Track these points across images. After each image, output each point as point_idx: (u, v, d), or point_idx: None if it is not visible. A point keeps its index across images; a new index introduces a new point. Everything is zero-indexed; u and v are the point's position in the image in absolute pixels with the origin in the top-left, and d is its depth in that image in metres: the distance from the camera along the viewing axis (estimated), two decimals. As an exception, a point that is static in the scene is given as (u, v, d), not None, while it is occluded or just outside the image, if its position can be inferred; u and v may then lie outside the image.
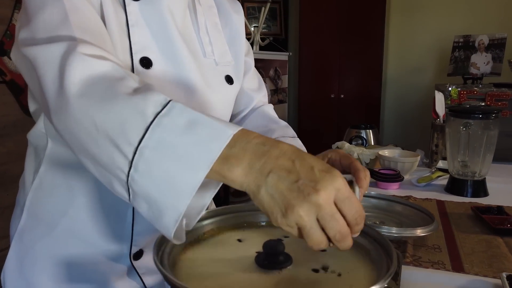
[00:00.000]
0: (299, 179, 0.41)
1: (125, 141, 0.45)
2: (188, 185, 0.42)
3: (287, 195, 0.40)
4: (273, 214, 0.42)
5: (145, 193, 0.44)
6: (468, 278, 0.76)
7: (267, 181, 0.41)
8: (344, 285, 0.44)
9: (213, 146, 0.42)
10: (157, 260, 0.42)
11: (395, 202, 1.05)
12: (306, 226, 0.40)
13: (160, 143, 0.43)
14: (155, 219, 0.45)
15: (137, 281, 0.74)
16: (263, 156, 0.43)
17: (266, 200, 0.42)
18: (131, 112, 0.46)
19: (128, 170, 0.44)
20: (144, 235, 0.71)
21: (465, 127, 1.24)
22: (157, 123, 0.44)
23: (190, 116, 0.45)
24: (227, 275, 0.46)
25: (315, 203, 0.40)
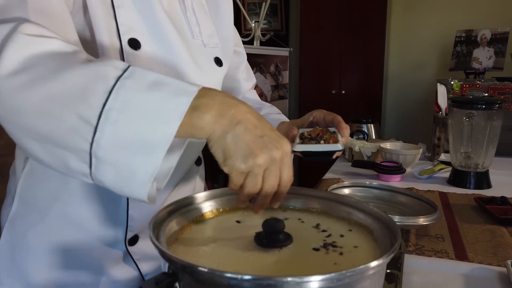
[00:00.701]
0: (264, 135, 0.46)
1: (87, 107, 0.43)
2: (161, 139, 0.43)
3: (251, 145, 0.45)
4: (232, 158, 0.45)
5: (113, 157, 0.44)
6: (472, 266, 0.75)
7: (235, 129, 0.45)
8: (346, 263, 0.43)
9: (181, 99, 0.44)
10: (153, 237, 0.41)
11: (398, 192, 1.04)
12: (259, 173, 0.46)
13: (127, 103, 0.43)
14: (124, 183, 0.45)
15: (132, 267, 0.73)
16: (232, 107, 0.46)
17: (229, 145, 0.45)
18: (90, 78, 0.45)
19: (92, 136, 0.43)
20: (139, 220, 0.70)
21: (468, 117, 1.23)
22: (121, 85, 0.44)
23: (153, 77, 0.45)
24: (226, 254, 0.44)
25: (273, 157, 0.46)
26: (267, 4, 3.20)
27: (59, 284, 0.69)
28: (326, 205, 0.56)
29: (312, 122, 0.74)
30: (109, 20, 0.61)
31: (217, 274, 0.35)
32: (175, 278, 0.37)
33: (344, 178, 1.36)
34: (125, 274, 0.73)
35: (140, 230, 0.72)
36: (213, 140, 0.46)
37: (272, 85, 3.37)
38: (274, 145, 0.46)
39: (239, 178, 0.46)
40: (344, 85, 3.69)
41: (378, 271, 0.39)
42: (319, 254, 0.45)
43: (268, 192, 0.47)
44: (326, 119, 0.73)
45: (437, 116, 1.59)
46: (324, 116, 0.73)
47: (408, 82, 3.75)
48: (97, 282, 0.71)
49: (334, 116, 0.71)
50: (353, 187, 1.09)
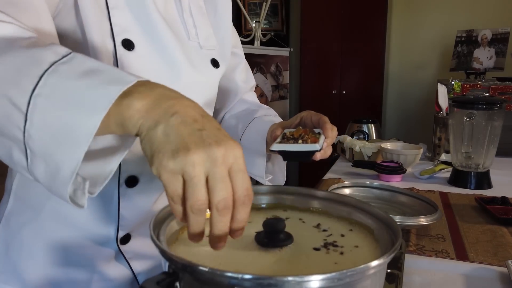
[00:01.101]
0: (204, 129, 0.39)
1: (18, 92, 0.41)
2: (84, 130, 0.39)
3: (186, 138, 0.37)
4: (159, 153, 0.38)
5: (42, 148, 0.40)
6: (472, 266, 0.75)
7: (169, 120, 0.38)
8: (347, 262, 0.42)
9: (112, 89, 0.39)
10: (154, 236, 0.41)
11: (398, 192, 1.04)
12: (195, 176, 0.37)
13: (54, 90, 0.40)
14: (52, 178, 0.41)
15: (124, 265, 0.73)
16: (172, 99, 0.40)
17: (158, 137, 0.38)
18: (26, 62, 0.42)
19: (24, 125, 0.40)
20: (130, 219, 0.70)
21: (469, 118, 1.22)
22: (53, 70, 0.41)
23: (92, 65, 0.42)
24: (226, 253, 0.44)
25: (213, 156, 0.37)
26: (267, 4, 3.20)
27: (52, 281, 0.70)
28: (327, 204, 0.56)
29: (299, 123, 0.74)
30: (102, 21, 0.60)
31: (217, 273, 0.35)
32: (176, 278, 0.37)
33: (344, 178, 1.36)
34: (117, 273, 0.73)
35: (131, 229, 0.72)
36: (143, 133, 0.39)
37: (273, 85, 3.37)
38: (216, 141, 0.38)
39: (173, 184, 0.38)
40: (345, 85, 3.69)
41: (379, 271, 0.39)
42: (319, 253, 0.45)
43: (221, 208, 0.38)
44: (312, 120, 0.71)
45: (438, 116, 1.59)
46: (311, 116, 0.72)
47: (408, 82, 3.75)
48: (89, 280, 0.71)
49: (320, 117, 0.70)
50: (353, 187, 1.09)
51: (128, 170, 0.67)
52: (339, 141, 1.71)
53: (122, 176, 0.67)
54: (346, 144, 1.63)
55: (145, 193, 0.70)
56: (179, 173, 0.37)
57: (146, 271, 0.76)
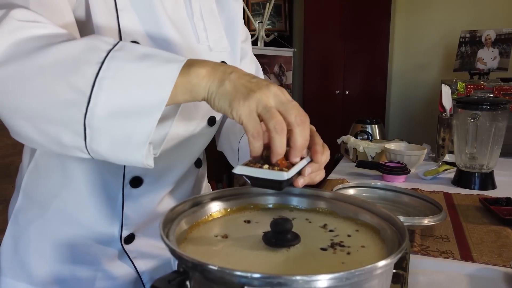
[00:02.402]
0: (256, 78, 0.48)
1: (80, 77, 0.45)
2: (156, 101, 0.45)
3: (248, 85, 0.47)
4: (235, 98, 0.46)
5: (108, 124, 0.45)
6: (477, 266, 0.75)
7: (230, 77, 0.47)
8: (354, 262, 0.43)
9: (172, 66, 0.46)
10: (164, 235, 0.41)
11: (402, 193, 1.04)
12: (268, 103, 0.46)
13: (119, 72, 0.45)
14: (120, 148, 0.46)
15: (128, 264, 0.74)
16: (223, 65, 0.49)
17: (229, 89, 0.47)
18: (82, 51, 0.46)
19: (86, 106, 0.44)
20: (134, 219, 0.71)
21: (473, 118, 1.23)
22: (112, 56, 0.45)
23: (143, 50, 0.47)
24: (235, 253, 0.45)
25: (272, 91, 0.47)
26: (271, 5, 3.20)
27: (57, 278, 0.71)
28: (333, 205, 0.57)
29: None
30: (111, 23, 0.62)
31: (227, 272, 0.35)
32: (186, 276, 0.37)
33: (348, 178, 1.36)
34: (121, 271, 0.74)
35: (136, 229, 0.73)
36: (214, 91, 0.47)
37: (276, 85, 3.37)
38: (267, 84, 0.48)
39: (252, 121, 0.46)
40: (348, 86, 3.69)
41: (386, 271, 0.39)
42: (326, 253, 0.45)
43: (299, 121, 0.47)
44: None
45: (442, 117, 1.59)
46: None
47: (412, 82, 3.75)
48: (93, 278, 0.72)
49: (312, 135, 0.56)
50: (357, 188, 1.09)
51: (133, 170, 0.68)
52: (343, 142, 1.71)
53: (127, 177, 0.68)
54: (350, 144, 1.63)
55: (149, 194, 0.71)
56: (254, 110, 0.46)
57: (150, 270, 0.77)
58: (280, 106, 0.47)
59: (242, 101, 0.46)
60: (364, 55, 3.60)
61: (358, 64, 3.65)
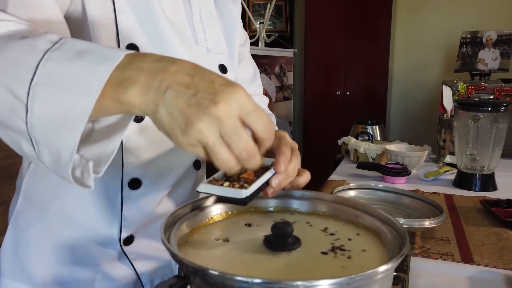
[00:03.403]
0: (198, 92, 0.39)
1: (18, 83, 0.42)
2: (80, 111, 0.40)
3: (185, 110, 0.38)
4: (173, 133, 0.39)
5: (44, 136, 0.42)
6: (478, 269, 0.75)
7: (165, 98, 0.39)
8: (355, 266, 0.43)
9: (102, 68, 0.40)
10: (165, 239, 0.41)
11: (403, 194, 1.04)
12: (209, 142, 0.38)
13: (50, 77, 0.41)
14: (56, 163, 0.42)
15: (128, 266, 0.74)
16: (159, 73, 0.40)
17: (165, 118, 0.39)
18: (22, 53, 0.43)
19: (25, 115, 0.42)
20: (133, 221, 0.71)
21: (474, 120, 1.23)
22: (47, 58, 0.42)
23: (82, 46, 0.43)
24: (236, 256, 0.45)
25: (215, 116, 0.38)
26: (272, 5, 3.20)
27: (56, 280, 0.71)
28: (334, 208, 0.57)
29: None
30: (109, 25, 0.61)
31: (227, 277, 0.35)
32: (188, 281, 0.37)
33: (349, 179, 1.37)
34: (120, 273, 0.74)
35: (135, 231, 0.73)
36: (151, 116, 0.41)
37: (277, 86, 3.38)
38: (211, 100, 0.38)
39: (199, 151, 0.40)
40: (349, 86, 3.69)
41: (387, 275, 0.39)
42: (327, 257, 0.45)
43: (245, 158, 0.40)
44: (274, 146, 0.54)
45: (443, 118, 1.59)
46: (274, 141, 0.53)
47: (413, 83, 3.75)
48: (93, 279, 0.72)
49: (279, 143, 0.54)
50: (358, 189, 1.09)
51: (131, 172, 0.68)
52: (343, 143, 1.71)
53: (125, 179, 0.68)
54: (351, 145, 1.63)
55: (148, 195, 0.71)
56: (196, 143, 0.39)
57: (149, 271, 0.77)
58: (225, 137, 0.39)
59: (180, 137, 0.39)
60: (365, 56, 3.60)
61: (359, 65, 3.65)
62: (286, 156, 0.51)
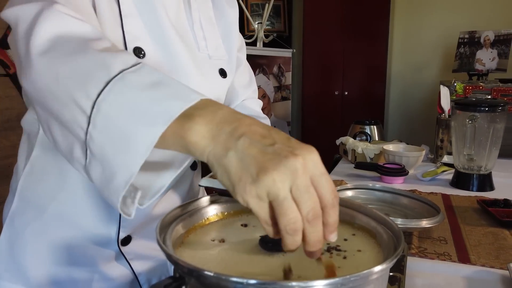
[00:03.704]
0: (275, 143, 0.37)
1: (84, 94, 0.42)
2: (143, 142, 0.39)
3: (260, 157, 0.36)
4: (241, 181, 0.36)
5: (101, 152, 0.41)
6: (474, 269, 0.75)
7: (238, 144, 0.37)
8: (350, 267, 0.43)
9: (175, 104, 0.39)
10: (160, 240, 0.41)
11: (400, 194, 1.04)
12: (280, 194, 0.35)
13: (119, 97, 0.41)
14: (106, 183, 0.42)
15: (125, 266, 0.74)
16: (235, 122, 0.39)
17: (233, 164, 0.37)
18: (96, 66, 0.43)
19: (87, 126, 0.42)
20: (131, 221, 0.71)
21: (471, 120, 1.23)
22: (120, 78, 0.42)
23: (159, 77, 0.42)
24: (231, 257, 0.45)
25: (293, 168, 0.35)
26: (270, 6, 3.20)
27: (54, 280, 0.71)
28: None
29: None
30: (116, 28, 0.62)
31: (223, 278, 0.35)
32: (182, 282, 0.37)
33: (347, 179, 1.37)
34: (118, 273, 0.74)
35: (132, 231, 0.73)
36: (214, 161, 0.38)
37: (275, 86, 3.38)
38: (291, 151, 0.36)
39: (262, 209, 0.37)
40: (347, 86, 3.69)
41: (382, 275, 0.39)
42: (323, 258, 0.45)
43: (311, 218, 0.36)
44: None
45: (440, 118, 1.59)
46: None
47: (411, 83, 3.75)
48: (90, 280, 0.72)
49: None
50: (356, 189, 1.09)
51: None
52: (341, 143, 1.72)
53: None
54: (349, 145, 1.63)
55: None
56: (265, 196, 0.36)
57: (146, 271, 0.77)
58: (295, 192, 0.36)
59: (248, 186, 0.36)
60: (363, 56, 3.61)
61: (357, 65, 3.65)
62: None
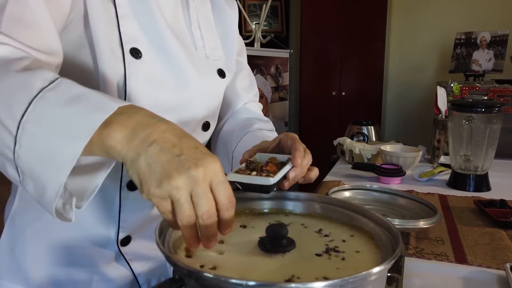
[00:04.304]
0: (182, 154, 0.42)
1: (9, 116, 0.44)
2: (68, 156, 0.42)
3: (166, 166, 0.41)
4: (146, 183, 0.42)
5: (29, 169, 0.44)
6: (471, 269, 0.76)
7: (148, 150, 0.42)
8: (349, 268, 0.43)
9: (95, 116, 0.42)
10: (160, 242, 0.42)
11: (397, 195, 1.04)
12: (181, 198, 0.41)
13: (42, 116, 0.43)
14: (39, 196, 0.45)
15: (125, 266, 0.74)
16: (149, 127, 0.43)
17: (142, 168, 0.42)
18: (17, 88, 0.45)
19: (13, 146, 0.44)
20: (131, 222, 0.72)
21: (468, 121, 1.23)
22: (41, 97, 0.44)
23: (77, 91, 0.45)
24: (230, 258, 0.45)
25: (194, 178, 0.41)
26: (267, 6, 3.21)
27: (54, 280, 0.71)
28: (328, 209, 0.57)
29: (277, 146, 0.68)
30: (111, 30, 0.62)
31: (222, 280, 0.36)
32: (182, 284, 0.37)
33: (344, 180, 1.37)
34: (117, 273, 0.74)
35: (132, 232, 0.73)
36: (128, 163, 0.43)
37: (273, 86, 3.38)
38: (194, 163, 0.42)
39: (164, 206, 0.43)
40: (344, 87, 3.70)
41: (380, 276, 0.40)
42: (321, 259, 0.46)
43: (205, 219, 0.42)
44: (288, 144, 0.63)
45: (437, 119, 1.60)
46: (287, 141, 0.64)
47: (408, 84, 3.76)
48: (90, 280, 0.72)
49: (293, 143, 0.61)
50: (353, 190, 1.09)
51: None
52: (339, 143, 1.72)
53: (124, 180, 0.68)
54: (346, 146, 1.64)
55: None
56: (166, 197, 0.42)
57: (146, 272, 0.77)
58: (194, 197, 0.42)
59: (153, 188, 0.41)
60: (360, 56, 3.62)
61: (354, 65, 3.66)
62: (301, 152, 0.58)
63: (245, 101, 0.93)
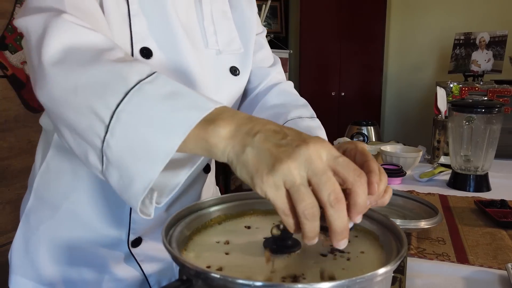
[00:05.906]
0: (287, 136, 0.40)
1: (103, 104, 0.44)
2: (162, 151, 0.41)
3: (274, 150, 0.38)
4: (257, 172, 0.38)
5: (119, 159, 0.43)
6: (473, 269, 0.76)
7: (254, 141, 0.39)
8: (354, 268, 0.44)
9: (192, 114, 0.42)
10: (166, 243, 0.42)
11: (398, 195, 1.05)
12: (296, 181, 0.37)
13: (138, 108, 0.43)
14: (124, 188, 0.44)
15: (135, 267, 0.75)
16: (250, 122, 0.42)
17: (250, 159, 0.39)
18: (113, 77, 0.45)
19: (104, 135, 0.44)
20: (141, 223, 0.72)
21: (468, 121, 1.24)
22: (138, 89, 0.44)
23: (174, 87, 0.44)
24: (236, 259, 0.45)
25: (306, 155, 0.37)
26: (267, 7, 3.21)
27: (65, 279, 0.72)
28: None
29: None
30: (123, 28, 0.62)
31: (229, 280, 0.36)
32: (190, 284, 0.38)
33: (345, 181, 1.37)
34: (128, 274, 0.75)
35: (143, 233, 0.74)
36: (234, 160, 0.40)
37: (272, 87, 3.38)
38: (302, 141, 0.38)
39: (280, 198, 0.38)
40: (344, 87, 3.71)
41: (386, 277, 0.40)
42: (327, 259, 0.46)
43: (332, 200, 0.37)
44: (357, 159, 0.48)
45: (437, 119, 1.61)
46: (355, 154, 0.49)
47: (407, 84, 3.77)
48: (100, 280, 0.73)
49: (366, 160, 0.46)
50: (354, 190, 1.10)
51: None
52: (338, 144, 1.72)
53: None
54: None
55: None
56: (281, 185, 0.38)
57: (156, 273, 0.77)
58: (312, 178, 0.37)
59: (265, 176, 0.37)
60: (360, 56, 3.62)
61: (354, 65, 3.67)
62: (378, 175, 0.45)
63: (273, 75, 0.85)
